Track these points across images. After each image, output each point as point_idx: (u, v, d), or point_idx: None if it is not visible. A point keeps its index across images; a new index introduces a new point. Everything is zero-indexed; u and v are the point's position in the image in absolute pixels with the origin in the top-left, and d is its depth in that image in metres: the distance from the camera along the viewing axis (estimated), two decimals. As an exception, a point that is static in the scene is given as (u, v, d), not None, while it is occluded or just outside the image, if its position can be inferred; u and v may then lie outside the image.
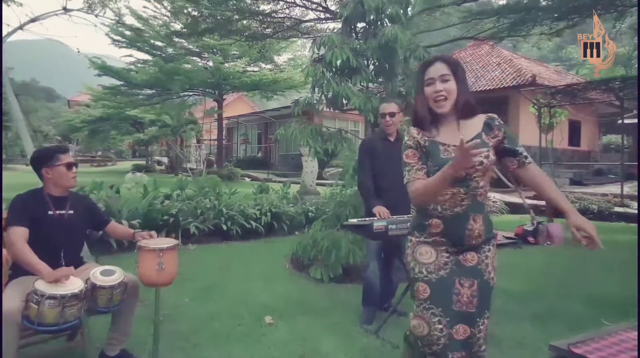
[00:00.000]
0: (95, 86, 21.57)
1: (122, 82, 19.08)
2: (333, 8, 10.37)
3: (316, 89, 4.76)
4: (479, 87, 16.76)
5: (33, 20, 4.78)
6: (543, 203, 8.03)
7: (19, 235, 2.28)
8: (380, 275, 3.42)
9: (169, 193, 7.31)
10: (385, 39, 4.50)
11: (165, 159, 28.78)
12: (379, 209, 3.17)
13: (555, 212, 5.90)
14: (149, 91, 19.64)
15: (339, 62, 4.54)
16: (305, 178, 10.44)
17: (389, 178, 3.23)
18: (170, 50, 19.33)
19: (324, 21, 11.40)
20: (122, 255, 5.12)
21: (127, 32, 18.21)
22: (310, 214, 7.58)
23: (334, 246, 4.37)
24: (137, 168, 24.17)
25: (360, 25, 5.22)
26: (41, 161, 2.48)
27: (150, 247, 2.44)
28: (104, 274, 2.42)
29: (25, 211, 2.38)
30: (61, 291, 2.15)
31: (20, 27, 4.26)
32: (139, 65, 19.49)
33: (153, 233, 2.72)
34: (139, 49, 19.27)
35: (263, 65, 19.42)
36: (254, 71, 20.30)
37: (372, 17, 4.86)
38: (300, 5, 11.03)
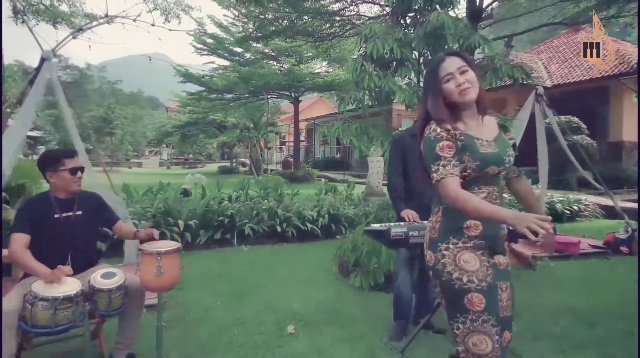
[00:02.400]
0: (181, 93, 23.08)
1: (203, 88, 20.21)
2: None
3: (358, 85, 4.48)
4: (574, 78, 15.14)
5: (80, 29, 5.12)
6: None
7: (18, 241, 2.33)
8: (412, 287, 3.08)
9: (230, 194, 7.46)
10: (432, 26, 4.10)
11: (248, 161, 30.05)
12: (408, 213, 2.86)
13: None
14: (229, 95, 20.54)
15: (380, 54, 4.22)
16: (371, 178, 10.12)
17: None
18: (247, 55, 20.06)
19: (388, 16, 10.97)
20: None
21: (209, 40, 19.22)
22: (370, 216, 7.27)
23: (374, 251, 4.07)
24: (222, 170, 25.56)
25: (410, 15, 4.86)
26: (46, 164, 2.53)
27: (148, 250, 2.37)
28: (104, 277, 2.41)
29: (29, 216, 2.43)
30: (53, 293, 2.16)
31: (73, 36, 4.55)
32: (219, 71, 20.48)
33: (152, 231, 2.61)
34: (219, 56, 20.25)
35: (337, 65, 19.35)
36: (327, 72, 20.33)
37: (420, 3, 4.47)
38: (366, 1, 10.72)
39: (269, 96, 21.02)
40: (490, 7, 9.96)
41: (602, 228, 7.31)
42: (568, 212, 8.52)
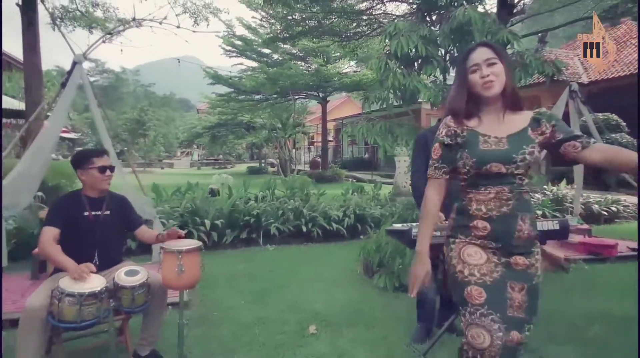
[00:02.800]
0: (211, 95, 23.50)
1: (232, 90, 20.50)
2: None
3: (383, 84, 4.43)
4: (612, 74, 14.53)
5: (109, 33, 5.28)
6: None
7: (48, 234, 2.41)
8: (436, 288, 3.01)
9: (256, 194, 7.52)
10: (458, 22, 4.02)
11: (277, 162, 30.30)
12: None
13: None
14: (257, 96, 20.76)
15: (404, 51, 4.16)
16: (398, 178, 10.00)
17: None
18: (275, 56, 20.23)
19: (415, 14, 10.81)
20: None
21: (237, 42, 19.50)
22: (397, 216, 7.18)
23: (398, 252, 4.01)
24: (251, 170, 25.86)
25: (436, 12, 4.77)
26: (77, 163, 2.61)
27: (169, 249, 2.40)
28: (128, 274, 2.46)
29: (61, 212, 2.52)
30: (79, 289, 2.22)
31: (103, 40, 4.70)
32: (248, 73, 20.73)
33: (175, 231, 2.63)
34: (248, 57, 20.50)
35: (365, 65, 19.23)
36: (355, 72, 20.24)
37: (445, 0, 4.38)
38: (393, 0, 10.61)
39: (296, 97, 21.12)
40: (522, 1, 9.67)
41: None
42: (605, 213, 8.18)
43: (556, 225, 2.58)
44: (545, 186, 8.59)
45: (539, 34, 12.14)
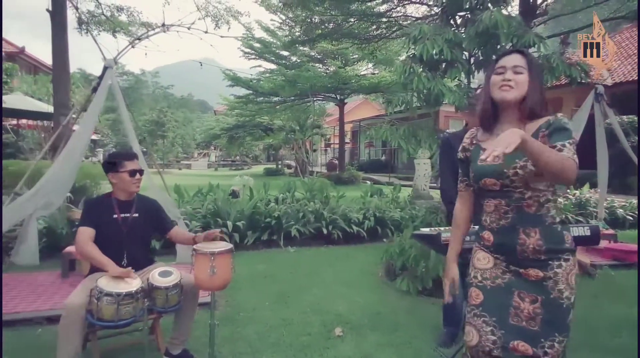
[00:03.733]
0: (229, 96, 23.73)
1: (250, 92, 20.66)
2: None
3: (407, 87, 4.44)
4: (635, 76, 14.20)
5: (138, 38, 5.40)
6: None
7: (85, 234, 2.51)
8: (465, 293, 3.00)
9: (277, 196, 7.58)
10: (484, 25, 4.00)
11: (294, 163, 30.42)
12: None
13: None
14: (275, 98, 20.88)
15: (429, 55, 4.16)
16: (417, 181, 9.95)
17: None
18: (294, 58, 20.31)
19: (437, 16, 10.77)
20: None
21: (256, 45, 19.65)
22: (417, 219, 7.16)
23: (422, 256, 4.01)
24: (267, 172, 26.02)
25: (461, 14, 4.76)
26: (108, 166, 2.69)
27: (202, 251, 2.45)
28: (162, 275, 2.53)
29: (93, 213, 2.61)
30: (117, 289, 2.30)
31: (132, 45, 4.81)
32: (266, 75, 20.87)
33: (213, 232, 2.68)
34: (266, 60, 20.63)
35: (383, 67, 19.19)
36: (373, 74, 20.21)
37: (471, 2, 4.37)
38: (414, 2, 10.58)
39: (314, 99, 21.16)
40: (545, 3, 9.54)
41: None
42: (630, 218, 8.01)
43: (587, 230, 2.56)
44: (567, 190, 8.45)
45: (561, 36, 11.94)
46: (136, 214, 2.72)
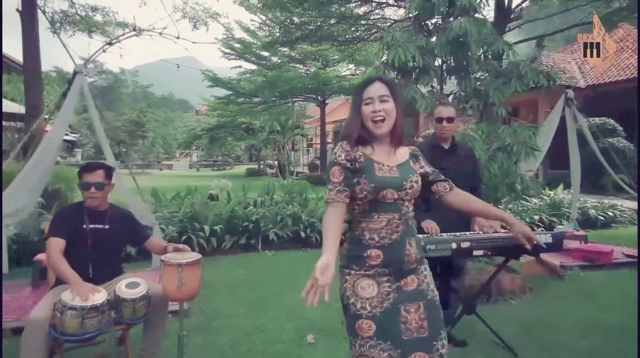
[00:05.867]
0: (209, 97, 23.58)
1: (231, 92, 20.57)
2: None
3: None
4: (609, 78, 14.60)
5: (109, 43, 5.34)
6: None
7: (54, 245, 2.46)
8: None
9: (255, 199, 7.56)
10: (454, 33, 4.07)
11: (275, 163, 30.36)
12: (428, 224, 2.83)
13: None
14: (256, 99, 20.83)
15: (402, 61, 4.20)
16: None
17: None
18: (274, 59, 20.29)
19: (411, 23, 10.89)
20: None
21: (236, 45, 19.56)
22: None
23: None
24: (249, 172, 25.91)
25: (433, 21, 4.82)
26: (78, 177, 2.66)
27: (170, 262, 2.44)
28: (129, 287, 2.50)
29: (63, 223, 2.56)
30: (81, 303, 2.27)
31: (103, 50, 4.75)
32: (247, 75, 20.80)
33: (183, 246, 2.70)
34: (247, 60, 20.57)
35: (363, 68, 19.31)
36: (353, 75, 20.33)
37: (442, 10, 4.42)
38: (391, 5, 10.68)
39: (295, 100, 21.18)
40: (519, 7, 9.75)
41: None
42: (602, 218, 8.22)
43: (549, 238, 2.63)
44: (542, 191, 8.62)
45: (537, 39, 12.21)
46: (107, 226, 2.68)
